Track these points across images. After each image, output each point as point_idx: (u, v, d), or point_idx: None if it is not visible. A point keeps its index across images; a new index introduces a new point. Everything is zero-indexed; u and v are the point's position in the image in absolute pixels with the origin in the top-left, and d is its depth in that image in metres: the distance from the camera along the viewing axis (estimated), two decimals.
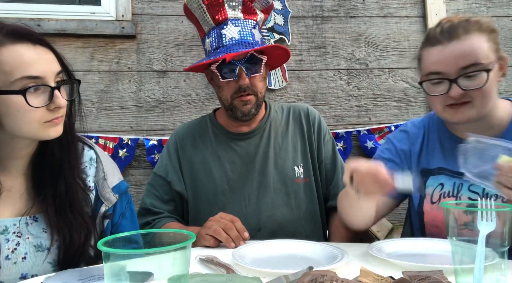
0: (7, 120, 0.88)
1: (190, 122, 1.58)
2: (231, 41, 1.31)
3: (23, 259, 0.94)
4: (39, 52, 0.89)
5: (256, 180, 1.42)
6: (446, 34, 1.07)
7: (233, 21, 1.33)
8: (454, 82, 1.05)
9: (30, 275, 0.94)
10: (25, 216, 0.97)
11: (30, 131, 0.90)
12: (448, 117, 1.12)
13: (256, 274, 0.81)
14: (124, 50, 2.13)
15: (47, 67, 0.89)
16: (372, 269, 0.81)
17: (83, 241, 0.99)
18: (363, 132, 2.22)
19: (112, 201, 1.08)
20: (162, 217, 1.41)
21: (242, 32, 1.33)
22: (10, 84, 0.85)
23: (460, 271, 0.73)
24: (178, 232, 0.62)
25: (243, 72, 1.32)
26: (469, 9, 2.36)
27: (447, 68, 1.06)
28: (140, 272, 0.55)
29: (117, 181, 1.12)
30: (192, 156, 1.46)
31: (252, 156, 1.44)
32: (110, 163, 1.14)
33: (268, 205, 1.39)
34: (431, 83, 1.11)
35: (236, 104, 1.37)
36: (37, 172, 1.00)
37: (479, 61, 1.04)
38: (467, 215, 0.74)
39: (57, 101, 0.89)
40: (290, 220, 1.39)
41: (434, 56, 1.09)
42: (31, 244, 0.95)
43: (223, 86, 1.37)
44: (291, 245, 1.08)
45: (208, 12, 1.34)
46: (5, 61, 0.84)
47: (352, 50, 2.29)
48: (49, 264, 0.97)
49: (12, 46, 0.86)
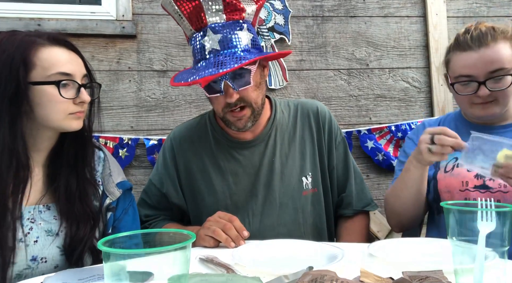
0: (39, 109, 1.01)
1: (188, 123, 1.45)
2: (211, 54, 1.17)
3: (34, 242, 1.02)
4: (71, 55, 1.06)
5: (261, 194, 1.32)
6: (476, 41, 1.22)
7: (212, 26, 1.18)
8: (482, 84, 1.20)
9: (40, 258, 1.02)
10: (39, 205, 1.07)
11: (56, 120, 1.03)
12: (475, 113, 1.26)
13: (256, 274, 0.81)
14: (125, 49, 2.13)
15: (76, 68, 1.05)
16: (372, 269, 0.81)
17: (89, 231, 1.08)
18: (363, 132, 2.22)
19: (116, 195, 1.17)
20: (158, 220, 1.38)
21: (224, 40, 1.16)
22: (46, 77, 1.01)
23: (460, 271, 0.73)
24: (178, 232, 0.62)
25: (229, 87, 1.18)
26: (469, 9, 2.36)
27: (476, 72, 1.21)
28: (140, 272, 0.55)
29: (121, 180, 1.20)
30: (190, 162, 1.36)
31: (256, 167, 1.33)
32: (116, 164, 1.24)
33: (273, 223, 1.31)
34: (460, 84, 1.25)
35: (229, 118, 1.25)
36: (53, 164, 1.11)
37: (504, 66, 1.19)
38: (467, 215, 0.74)
39: (82, 96, 1.05)
40: (296, 237, 1.25)
41: (465, 60, 1.23)
42: (42, 229, 1.04)
43: (213, 100, 1.27)
44: (291, 245, 1.08)
45: (185, 17, 1.22)
46: (44, 58, 1.01)
47: (353, 50, 2.29)
48: (57, 248, 1.04)
49: (51, 47, 1.03)
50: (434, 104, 2.28)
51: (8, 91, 0.97)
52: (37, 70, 1.00)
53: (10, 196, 0.99)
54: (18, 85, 0.97)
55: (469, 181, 1.24)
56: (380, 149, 2.20)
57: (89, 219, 1.09)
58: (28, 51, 0.99)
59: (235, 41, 1.18)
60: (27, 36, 1.02)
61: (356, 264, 0.88)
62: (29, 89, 0.99)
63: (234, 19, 1.20)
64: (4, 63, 0.98)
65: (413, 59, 2.32)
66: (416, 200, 1.27)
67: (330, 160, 1.40)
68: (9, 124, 0.98)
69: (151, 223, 1.39)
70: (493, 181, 1.21)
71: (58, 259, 1.04)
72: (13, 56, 0.98)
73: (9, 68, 0.97)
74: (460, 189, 1.24)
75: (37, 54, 1.00)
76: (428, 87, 2.32)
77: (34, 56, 1.00)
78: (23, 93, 0.98)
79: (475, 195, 1.21)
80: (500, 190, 1.20)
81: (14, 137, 0.99)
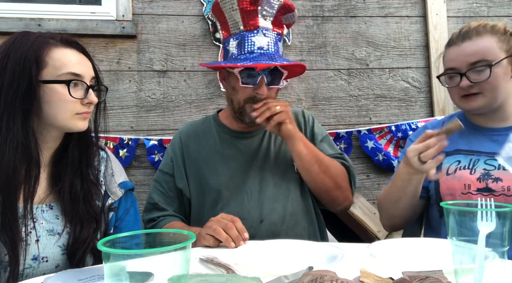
0: (47, 108, 1.04)
1: (194, 122, 1.61)
2: (259, 50, 1.35)
3: (36, 241, 1.03)
4: (82, 57, 1.09)
5: (257, 175, 1.45)
6: (461, 36, 1.28)
7: (263, 30, 1.37)
8: (463, 75, 1.25)
9: (41, 257, 1.02)
10: (42, 204, 1.07)
11: (63, 119, 1.05)
12: (462, 105, 1.31)
13: (256, 274, 0.81)
14: (125, 50, 2.13)
15: (86, 70, 1.08)
16: (372, 269, 0.81)
17: (92, 232, 1.09)
18: (363, 132, 2.22)
19: (118, 195, 1.18)
20: (166, 216, 1.43)
21: (270, 43, 1.37)
22: (57, 76, 1.03)
23: (460, 271, 0.73)
24: (178, 232, 0.62)
25: (264, 81, 1.35)
26: (469, 9, 2.36)
27: (459, 64, 1.26)
28: (140, 272, 0.55)
29: (123, 180, 1.22)
30: (196, 153, 1.49)
31: (254, 153, 1.48)
32: (118, 164, 1.26)
33: (269, 198, 1.42)
34: (447, 77, 1.31)
35: (247, 109, 1.39)
36: (58, 165, 1.12)
37: (485, 58, 1.22)
38: (467, 215, 0.74)
39: (90, 97, 1.08)
40: (290, 213, 1.42)
41: (450, 54, 1.30)
42: (44, 228, 1.05)
43: (239, 90, 1.39)
44: (291, 245, 1.08)
45: (241, 16, 1.37)
46: (56, 58, 1.04)
47: (353, 50, 2.29)
48: (58, 248, 1.05)
49: (63, 48, 1.06)
50: (434, 104, 2.28)
51: (21, 88, 1.00)
52: (49, 69, 1.03)
53: (21, 193, 1.01)
54: (30, 83, 1.00)
55: (471, 184, 1.23)
56: (380, 149, 2.20)
57: (92, 221, 1.10)
58: (41, 50, 1.02)
59: (276, 48, 1.39)
60: (41, 37, 1.06)
61: (356, 264, 0.88)
62: (40, 87, 1.02)
63: (277, 32, 1.41)
64: (17, 61, 1.01)
65: (413, 59, 2.32)
66: (409, 203, 1.30)
67: None
68: (22, 121, 1.01)
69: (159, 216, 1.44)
70: (496, 184, 1.19)
71: (59, 258, 1.04)
72: (26, 55, 1.01)
73: (22, 66, 1.00)
74: (463, 192, 1.23)
75: (49, 54, 1.03)
76: (428, 87, 2.32)
77: (46, 56, 1.03)
78: (34, 91, 1.01)
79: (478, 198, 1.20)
80: (504, 193, 1.18)
81: (26, 134, 1.01)
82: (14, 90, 1.00)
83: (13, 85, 1.00)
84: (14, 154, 0.99)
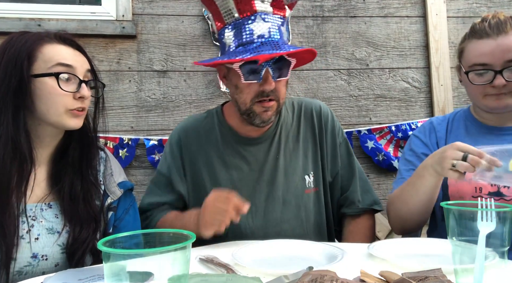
0: (39, 102, 1.03)
1: (195, 116, 1.46)
2: (260, 39, 1.17)
3: (36, 239, 1.03)
4: (75, 52, 1.08)
5: (264, 191, 1.33)
6: (494, 28, 1.16)
7: (262, 15, 1.19)
8: (499, 73, 1.15)
9: (41, 255, 1.02)
10: (41, 203, 1.07)
11: (55, 115, 1.03)
12: (488, 104, 1.21)
13: (256, 274, 0.81)
14: (125, 50, 2.13)
15: (78, 63, 1.07)
16: (372, 269, 0.81)
17: (91, 233, 1.08)
18: (363, 132, 2.22)
19: (117, 194, 1.17)
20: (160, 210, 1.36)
21: (272, 29, 1.19)
22: (47, 69, 1.03)
23: (460, 271, 0.73)
24: (178, 232, 0.63)
25: (269, 75, 1.18)
26: (469, 9, 2.36)
27: (493, 60, 1.15)
28: (140, 272, 0.55)
29: (122, 180, 1.21)
30: (196, 155, 1.37)
31: (261, 163, 1.34)
32: (117, 164, 1.25)
33: (276, 219, 1.31)
34: (475, 74, 1.20)
35: (256, 109, 1.24)
36: (58, 164, 1.12)
37: None
38: (467, 215, 0.74)
39: (82, 91, 1.05)
40: (298, 234, 1.30)
41: (481, 48, 1.17)
42: (44, 227, 1.05)
43: (243, 88, 1.23)
44: (291, 245, 1.08)
45: (234, 1, 1.19)
46: (47, 52, 1.03)
47: (353, 50, 2.29)
48: (58, 246, 1.05)
49: (56, 44, 1.05)
50: (434, 104, 2.28)
51: (12, 84, 1.00)
52: (39, 63, 1.02)
53: (14, 189, 1.01)
54: (22, 78, 1.00)
55: (483, 187, 1.18)
56: (380, 149, 2.20)
57: (92, 221, 1.10)
58: (33, 46, 1.03)
59: (280, 34, 1.21)
60: (36, 35, 1.06)
61: (356, 264, 0.88)
62: (31, 82, 1.02)
63: (279, 15, 1.23)
64: (11, 57, 1.01)
65: (413, 59, 2.32)
66: (425, 207, 1.21)
67: (334, 164, 1.40)
68: (12, 116, 1.01)
69: (152, 212, 1.36)
70: (507, 189, 1.16)
71: (59, 257, 1.04)
72: (20, 51, 1.02)
73: (14, 62, 1.01)
74: (473, 195, 1.19)
75: (41, 49, 1.03)
76: (428, 87, 2.32)
77: (38, 51, 1.03)
78: (26, 86, 1.01)
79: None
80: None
81: (17, 129, 1.01)
82: (6, 86, 1.00)
83: (5, 80, 1.00)
84: (3, 149, 0.99)
